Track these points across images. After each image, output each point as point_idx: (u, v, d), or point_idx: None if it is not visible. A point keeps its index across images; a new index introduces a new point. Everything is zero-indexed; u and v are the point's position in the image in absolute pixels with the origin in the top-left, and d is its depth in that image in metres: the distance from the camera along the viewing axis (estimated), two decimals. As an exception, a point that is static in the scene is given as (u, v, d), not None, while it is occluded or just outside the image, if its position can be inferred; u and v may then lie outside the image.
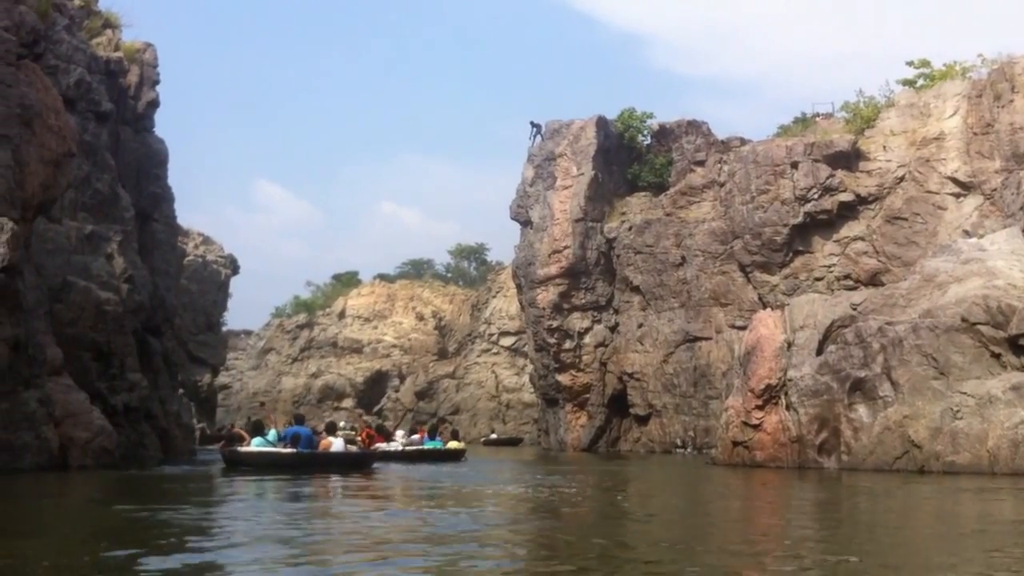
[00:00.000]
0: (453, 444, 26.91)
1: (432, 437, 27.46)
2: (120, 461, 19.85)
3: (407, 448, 25.34)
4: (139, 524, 9.59)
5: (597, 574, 6.68)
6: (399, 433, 28.60)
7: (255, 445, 18.67)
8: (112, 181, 24.80)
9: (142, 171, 27.76)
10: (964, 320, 20.30)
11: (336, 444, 19.11)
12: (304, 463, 18.06)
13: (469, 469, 21.39)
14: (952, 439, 19.53)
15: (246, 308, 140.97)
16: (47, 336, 19.19)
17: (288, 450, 18.26)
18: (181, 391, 34.19)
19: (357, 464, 19.18)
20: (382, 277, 79.02)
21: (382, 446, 24.48)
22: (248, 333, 79.47)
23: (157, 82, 27.99)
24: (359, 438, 23.41)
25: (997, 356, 19.99)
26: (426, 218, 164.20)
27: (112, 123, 26.08)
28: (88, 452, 18.81)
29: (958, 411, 19.67)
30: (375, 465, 20.05)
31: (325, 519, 10.70)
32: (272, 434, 18.98)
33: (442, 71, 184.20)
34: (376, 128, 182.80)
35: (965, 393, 19.76)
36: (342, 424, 39.77)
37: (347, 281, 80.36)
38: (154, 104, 27.97)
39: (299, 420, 21.11)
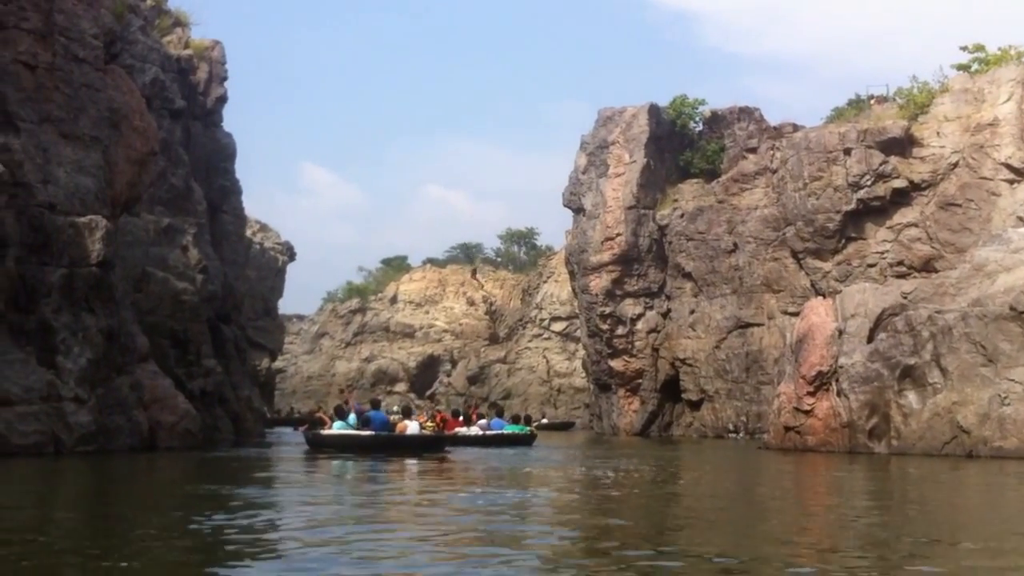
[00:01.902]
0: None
1: (516, 421, 28.17)
2: (202, 443, 21.37)
3: (488, 433, 25.85)
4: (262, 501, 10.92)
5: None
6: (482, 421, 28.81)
7: (336, 428, 20.11)
8: (186, 176, 26.33)
9: (211, 165, 29.31)
10: (1012, 309, 21.04)
11: (411, 427, 20.53)
12: (381, 445, 19.42)
13: (541, 452, 22.54)
14: (1000, 425, 20.35)
15: (293, 291, 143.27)
16: (134, 325, 20.72)
17: (366, 433, 19.67)
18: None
19: (430, 446, 20.49)
20: (432, 262, 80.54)
21: (462, 430, 25.64)
22: (301, 317, 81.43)
23: (225, 78, 29.50)
24: (430, 423, 24.61)
25: (1045, 344, 20.72)
26: (472, 201, 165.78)
27: (183, 119, 27.60)
28: (174, 434, 20.34)
29: (1006, 398, 20.46)
30: (447, 448, 21.33)
31: (400, 495, 11.95)
32: (352, 418, 20.38)
33: (488, 52, 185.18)
34: (421, 110, 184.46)
35: (1013, 380, 20.54)
36: (395, 408, 41.01)
37: (397, 266, 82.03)
38: (222, 100, 29.49)
39: (375, 405, 22.52)
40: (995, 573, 6.60)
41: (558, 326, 62.41)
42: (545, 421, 53.46)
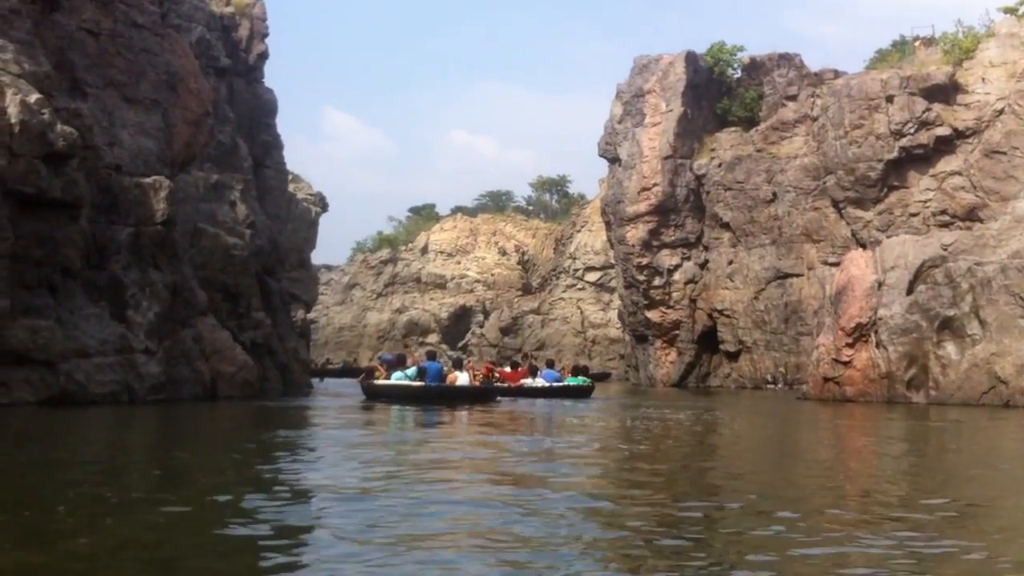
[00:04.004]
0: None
1: (577, 373, 29.22)
2: (257, 393, 22.96)
3: (554, 384, 26.53)
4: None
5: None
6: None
7: (395, 378, 21.68)
8: (232, 132, 27.70)
9: (254, 120, 30.62)
10: (1052, 261, 22.14)
11: (462, 378, 22.05)
12: (433, 395, 20.93)
13: (604, 404, 23.85)
14: (1036, 375, 21.56)
15: (319, 239, 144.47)
16: (193, 280, 22.22)
17: (418, 384, 21.19)
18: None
19: (481, 397, 21.95)
20: (462, 210, 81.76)
21: (527, 382, 26.56)
22: (329, 267, 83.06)
23: (266, 35, 30.71)
24: (480, 373, 25.92)
25: (1083, 296, 21.83)
26: (500, 146, 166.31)
27: (227, 76, 28.89)
28: (234, 384, 21.93)
29: (1043, 348, 21.64)
30: (499, 398, 22.76)
31: (451, 441, 13.41)
32: (412, 370, 21.91)
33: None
34: (446, 54, 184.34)
35: (1050, 331, 21.71)
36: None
37: (427, 215, 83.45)
38: (263, 56, 30.72)
39: (431, 356, 24.04)
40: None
41: (592, 276, 63.64)
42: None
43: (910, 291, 24.72)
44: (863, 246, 33.33)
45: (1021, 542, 6.10)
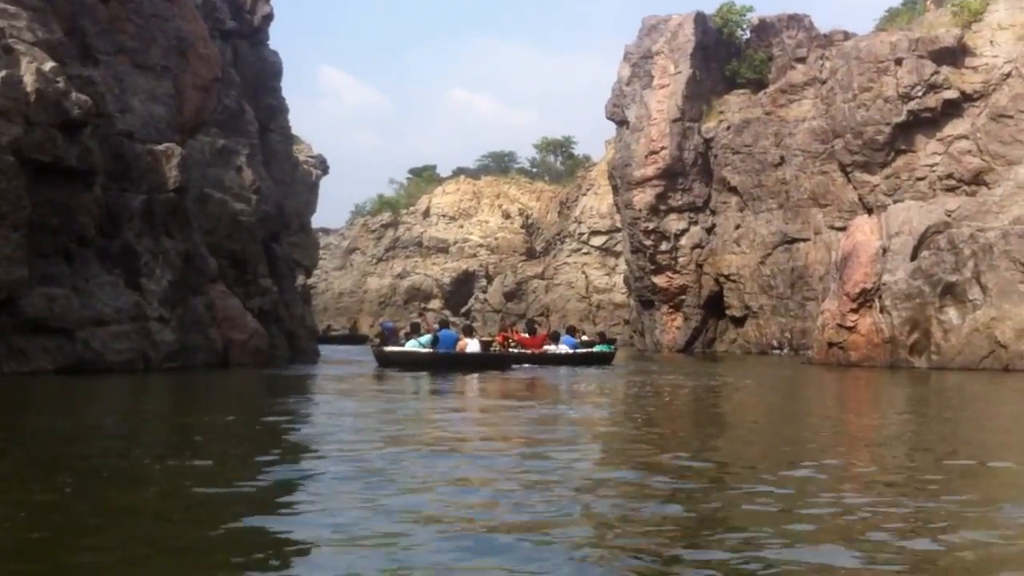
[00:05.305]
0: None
1: (602, 339, 29.85)
2: (267, 361, 23.76)
3: (579, 351, 26.88)
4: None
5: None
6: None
7: (409, 346, 22.53)
8: (238, 96, 28.35)
9: (259, 84, 31.23)
10: (1054, 227, 22.91)
11: (471, 345, 22.80)
12: (444, 362, 21.74)
13: (620, 370, 24.57)
14: (1036, 340, 22.40)
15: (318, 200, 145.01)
16: (204, 247, 23.00)
17: (427, 351, 22.03)
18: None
19: (493, 364, 22.69)
20: (464, 172, 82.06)
21: (551, 348, 26.80)
22: (327, 231, 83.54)
23: (271, -4, 31.26)
24: (496, 340, 26.57)
25: (1084, 262, 22.61)
26: (502, 106, 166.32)
27: (232, 39, 29.50)
28: (246, 351, 22.76)
29: (1043, 314, 22.47)
30: (515, 366, 23.25)
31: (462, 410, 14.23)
32: (426, 338, 22.72)
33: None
34: (444, 8, 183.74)
35: (1051, 297, 22.52)
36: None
37: (428, 177, 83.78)
38: (268, 18, 31.24)
39: (444, 324, 24.88)
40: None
41: (597, 240, 64.22)
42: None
43: (914, 257, 25.51)
44: (870, 211, 34.02)
45: (1016, 499, 6.69)
